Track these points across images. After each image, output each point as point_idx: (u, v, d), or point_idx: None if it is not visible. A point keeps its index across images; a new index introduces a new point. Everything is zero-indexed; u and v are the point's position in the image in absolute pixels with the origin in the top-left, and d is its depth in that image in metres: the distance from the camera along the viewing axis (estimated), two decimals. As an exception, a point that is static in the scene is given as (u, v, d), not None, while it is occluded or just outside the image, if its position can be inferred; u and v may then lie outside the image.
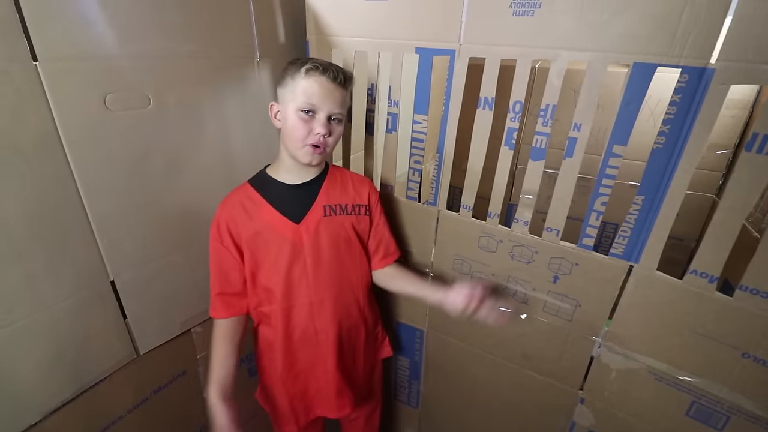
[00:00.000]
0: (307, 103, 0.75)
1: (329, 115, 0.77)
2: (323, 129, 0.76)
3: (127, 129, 0.75)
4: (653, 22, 0.61)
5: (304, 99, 0.75)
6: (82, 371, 0.81)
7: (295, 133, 0.77)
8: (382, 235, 0.94)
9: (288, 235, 0.82)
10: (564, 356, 0.90)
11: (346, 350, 0.92)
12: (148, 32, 0.74)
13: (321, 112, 0.76)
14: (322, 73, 0.75)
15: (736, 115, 1.22)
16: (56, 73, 0.65)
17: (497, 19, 0.72)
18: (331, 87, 0.76)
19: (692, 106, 0.62)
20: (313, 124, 0.76)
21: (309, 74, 0.75)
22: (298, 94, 0.75)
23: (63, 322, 0.75)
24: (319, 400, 0.93)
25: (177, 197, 0.87)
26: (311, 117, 0.76)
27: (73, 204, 0.72)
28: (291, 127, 0.77)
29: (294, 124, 0.76)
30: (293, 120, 0.76)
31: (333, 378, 0.90)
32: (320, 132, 0.76)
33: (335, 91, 0.77)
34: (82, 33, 0.67)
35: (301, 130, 0.76)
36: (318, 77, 0.75)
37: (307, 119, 0.76)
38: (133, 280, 0.84)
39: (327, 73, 0.75)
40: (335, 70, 0.76)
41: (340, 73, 0.77)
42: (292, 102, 0.76)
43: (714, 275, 0.67)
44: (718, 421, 0.75)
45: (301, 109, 0.75)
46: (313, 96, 0.75)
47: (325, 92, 0.76)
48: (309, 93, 0.75)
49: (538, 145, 0.77)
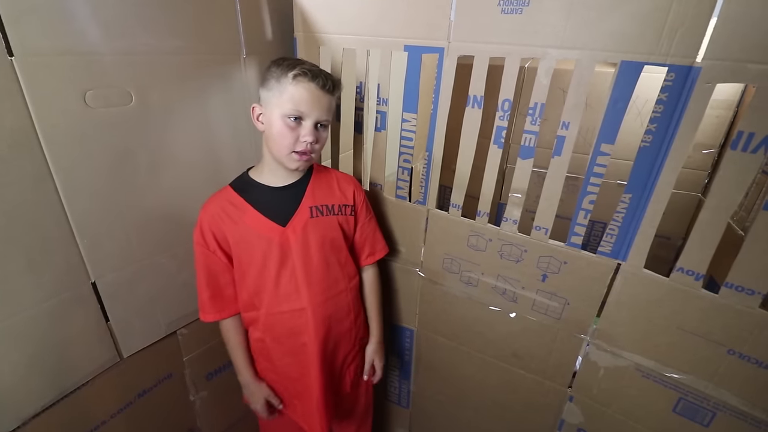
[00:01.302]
0: (295, 110, 0.73)
1: (316, 122, 0.75)
2: (311, 137, 0.74)
3: (108, 127, 0.73)
4: (641, 21, 0.61)
5: (291, 106, 0.73)
6: (63, 375, 0.79)
7: (281, 141, 0.75)
8: (367, 233, 0.93)
9: (275, 239, 0.80)
10: (553, 354, 0.91)
11: (333, 357, 0.89)
12: (130, 27, 0.72)
13: (308, 120, 0.74)
14: (311, 80, 0.73)
15: (721, 115, 1.23)
16: (33, 69, 0.63)
17: (486, 17, 0.72)
18: (319, 94, 0.74)
19: (678, 105, 0.62)
20: (300, 132, 0.74)
21: (297, 80, 0.73)
22: (285, 101, 0.73)
23: (42, 325, 0.73)
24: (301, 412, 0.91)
25: (161, 197, 0.85)
26: (298, 124, 0.74)
27: (51, 204, 0.70)
28: (277, 133, 0.75)
29: (280, 131, 0.74)
30: (279, 127, 0.74)
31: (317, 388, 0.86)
32: (308, 140, 0.74)
33: (323, 98, 0.75)
34: (60, 27, 0.65)
35: (288, 138, 0.74)
36: (307, 84, 0.73)
37: (294, 126, 0.74)
38: (115, 281, 0.82)
39: (316, 80, 0.73)
40: (324, 77, 0.75)
41: (329, 80, 0.75)
42: (278, 108, 0.74)
43: (700, 273, 0.68)
44: (704, 417, 0.76)
45: (288, 115, 0.73)
46: (301, 103, 0.73)
47: (314, 99, 0.74)
48: (297, 100, 0.73)
49: (527, 144, 0.77)
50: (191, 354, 1.02)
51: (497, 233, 0.87)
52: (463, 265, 0.94)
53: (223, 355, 1.09)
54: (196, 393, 1.06)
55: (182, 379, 1.03)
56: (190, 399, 1.06)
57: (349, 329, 0.91)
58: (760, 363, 0.67)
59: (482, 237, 0.89)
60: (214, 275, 0.83)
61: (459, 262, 0.95)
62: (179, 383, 1.02)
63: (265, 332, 0.86)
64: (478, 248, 0.90)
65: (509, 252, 0.87)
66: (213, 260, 0.82)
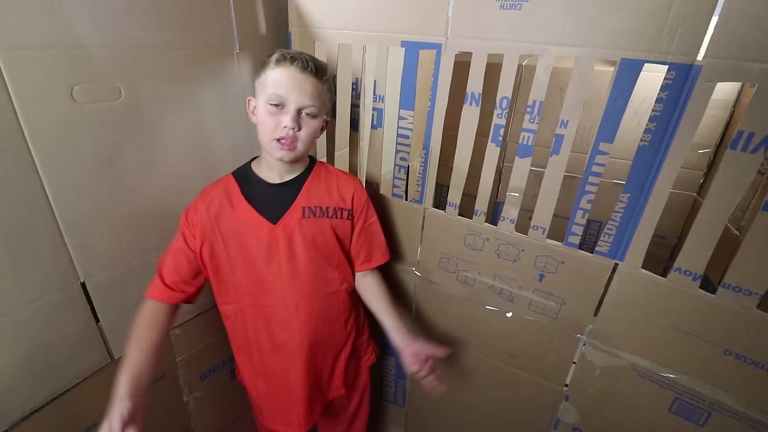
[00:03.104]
0: (275, 95, 0.71)
1: (299, 108, 0.73)
2: (291, 122, 0.72)
3: (96, 123, 0.71)
4: (641, 18, 0.60)
5: (271, 90, 0.71)
6: (53, 377, 0.77)
7: (263, 128, 0.73)
8: (366, 237, 0.89)
9: (263, 235, 0.78)
10: (549, 354, 0.90)
11: (319, 359, 0.87)
12: (119, 20, 0.70)
13: (290, 105, 0.72)
14: (290, 63, 0.71)
15: (718, 115, 1.24)
16: (18, 63, 0.61)
17: (484, 13, 0.71)
18: (300, 78, 0.72)
19: (678, 104, 0.62)
20: (281, 117, 0.72)
21: (278, 64, 0.72)
22: (267, 87, 0.72)
23: (30, 326, 0.71)
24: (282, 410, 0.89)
25: (152, 195, 0.83)
26: (280, 110, 0.72)
27: (38, 202, 0.68)
28: (260, 121, 0.73)
29: (262, 118, 0.73)
30: (262, 113, 0.73)
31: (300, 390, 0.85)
32: (288, 125, 0.71)
33: (305, 82, 0.72)
34: (46, 20, 0.63)
35: (268, 124, 0.72)
36: (287, 67, 0.71)
37: (276, 112, 0.72)
38: (106, 281, 0.80)
39: (295, 62, 0.71)
40: (305, 59, 0.72)
41: (310, 62, 0.73)
42: (262, 95, 0.73)
43: (697, 273, 0.68)
44: (699, 417, 0.76)
45: (269, 101, 0.71)
46: (280, 86, 0.71)
47: (294, 83, 0.71)
48: (277, 83, 0.71)
49: (525, 142, 0.76)
50: (184, 354, 1.00)
51: (494, 232, 0.86)
52: (459, 264, 0.94)
53: (216, 355, 1.08)
54: (190, 394, 1.05)
55: (176, 380, 1.01)
56: (184, 400, 1.05)
57: (339, 330, 0.88)
58: (757, 363, 0.67)
59: (479, 236, 0.88)
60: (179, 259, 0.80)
61: (456, 261, 0.94)
62: (172, 384, 1.01)
63: (247, 326, 0.84)
64: (475, 247, 0.90)
65: (506, 251, 0.86)
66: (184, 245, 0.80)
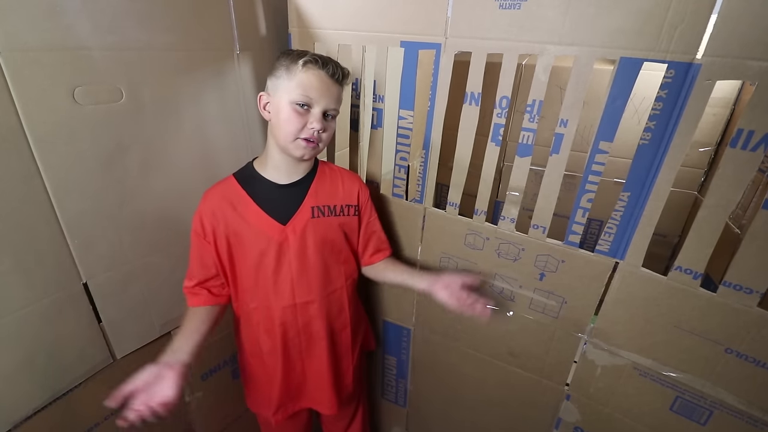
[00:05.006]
0: (304, 96, 0.73)
1: (324, 111, 0.75)
2: (319, 124, 0.74)
3: (98, 124, 0.72)
4: (640, 17, 0.60)
5: (300, 92, 0.72)
6: (55, 377, 0.77)
7: (288, 127, 0.74)
8: (372, 231, 0.92)
9: (274, 236, 0.79)
10: (550, 353, 0.90)
11: (336, 351, 0.92)
12: (120, 22, 0.71)
13: (317, 107, 0.74)
14: (321, 68, 0.73)
15: (718, 113, 1.23)
16: (20, 65, 0.61)
17: (484, 12, 0.71)
18: (329, 82, 0.74)
19: (678, 102, 0.62)
20: (308, 118, 0.74)
21: (307, 67, 0.73)
22: (293, 87, 0.73)
23: (32, 326, 0.72)
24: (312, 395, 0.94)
25: (154, 196, 0.84)
26: (306, 111, 0.74)
27: (40, 203, 0.68)
28: (284, 120, 0.74)
29: (288, 116, 0.73)
30: (287, 112, 0.73)
31: (327, 378, 0.90)
32: (315, 127, 0.74)
33: (332, 87, 0.75)
34: (48, 22, 0.63)
35: (295, 123, 0.73)
36: (317, 71, 0.73)
37: (302, 112, 0.74)
38: (108, 282, 0.80)
39: (326, 67, 0.73)
40: (334, 65, 0.75)
41: (338, 69, 0.75)
42: (287, 94, 0.73)
43: (698, 271, 0.68)
44: (701, 415, 0.76)
45: (296, 102, 0.73)
46: (310, 89, 0.73)
47: (323, 87, 0.74)
48: (306, 86, 0.73)
49: (525, 141, 0.76)
50: (186, 354, 1.00)
51: (495, 232, 0.86)
52: (460, 263, 0.94)
53: (218, 355, 1.08)
54: (192, 394, 1.05)
55: (177, 380, 1.01)
56: (186, 400, 1.05)
57: (344, 325, 0.92)
58: (758, 362, 0.67)
59: (479, 236, 0.88)
60: (207, 266, 0.83)
61: (456, 260, 0.94)
62: (174, 384, 1.01)
63: (260, 325, 0.86)
64: (475, 247, 0.90)
65: (507, 251, 0.86)
66: (208, 250, 0.81)
